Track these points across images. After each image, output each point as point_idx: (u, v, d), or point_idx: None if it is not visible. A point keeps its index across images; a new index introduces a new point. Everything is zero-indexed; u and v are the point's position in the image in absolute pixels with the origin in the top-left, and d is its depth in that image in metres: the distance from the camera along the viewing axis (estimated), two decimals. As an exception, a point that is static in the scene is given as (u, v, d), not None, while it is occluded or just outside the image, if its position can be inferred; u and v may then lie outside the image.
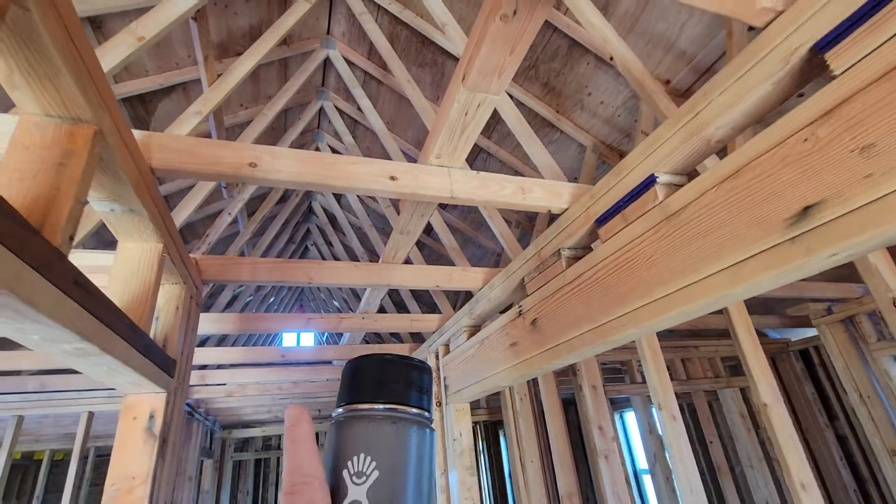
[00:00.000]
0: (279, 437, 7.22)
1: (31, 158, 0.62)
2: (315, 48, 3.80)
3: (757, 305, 3.73)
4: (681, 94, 2.87)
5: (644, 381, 4.57)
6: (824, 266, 0.67)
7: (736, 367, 4.06)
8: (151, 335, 1.06)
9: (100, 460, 6.40)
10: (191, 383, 3.54)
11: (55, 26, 0.54)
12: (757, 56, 0.74)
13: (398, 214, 2.43)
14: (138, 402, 1.08)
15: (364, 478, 0.26)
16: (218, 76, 2.50)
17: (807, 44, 0.68)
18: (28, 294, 0.55)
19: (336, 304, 8.16)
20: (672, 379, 3.82)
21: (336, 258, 6.00)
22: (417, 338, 4.76)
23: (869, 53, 0.61)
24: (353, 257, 5.39)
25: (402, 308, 5.42)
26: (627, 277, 1.01)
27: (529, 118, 3.42)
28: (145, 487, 0.97)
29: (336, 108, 4.34)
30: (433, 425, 0.29)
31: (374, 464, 0.26)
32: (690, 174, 1.03)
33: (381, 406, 0.28)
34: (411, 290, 4.88)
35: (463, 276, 1.77)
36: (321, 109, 4.40)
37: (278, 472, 7.54)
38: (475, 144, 3.31)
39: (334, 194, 5.34)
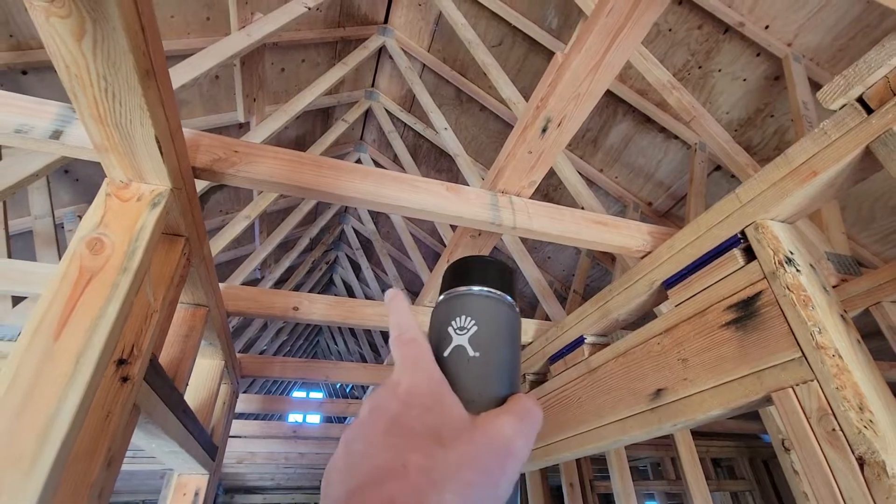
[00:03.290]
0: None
1: (172, 332, 1.02)
2: (349, 151, 4.43)
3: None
4: (662, 215, 3.29)
5: (644, 479, 4.60)
6: (672, 431, 0.99)
7: (730, 469, 4.10)
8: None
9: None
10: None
11: (205, 272, 0.96)
12: (635, 278, 1.12)
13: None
14: (188, 481, 1.41)
15: (465, 330, 0.31)
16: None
17: (659, 280, 1.05)
18: (161, 421, 0.92)
19: (353, 358, 8.39)
20: (661, 478, 3.89)
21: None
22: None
23: (688, 298, 0.98)
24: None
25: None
26: (565, 411, 1.34)
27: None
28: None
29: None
30: (516, 307, 0.35)
31: (472, 321, 0.31)
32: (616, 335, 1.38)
33: (478, 287, 0.33)
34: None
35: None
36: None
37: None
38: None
39: (362, 238, 5.79)
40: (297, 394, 11.26)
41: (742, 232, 0.87)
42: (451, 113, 3.68)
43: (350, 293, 6.02)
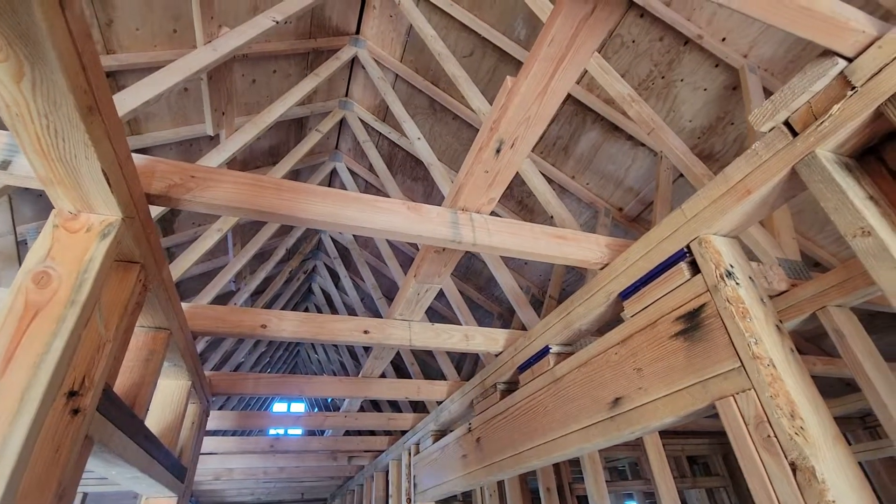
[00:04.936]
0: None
1: (130, 356, 1.01)
2: (324, 160, 4.42)
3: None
4: (632, 220, 3.36)
5: (623, 479, 4.67)
6: (630, 438, 1.03)
7: (705, 466, 4.21)
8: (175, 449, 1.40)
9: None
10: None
11: (164, 296, 0.96)
12: (594, 290, 1.16)
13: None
14: (156, 504, 1.39)
15: None
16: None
17: (616, 291, 1.09)
18: (119, 449, 0.91)
19: (333, 368, 8.30)
20: (639, 477, 3.97)
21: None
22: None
23: (641, 310, 1.01)
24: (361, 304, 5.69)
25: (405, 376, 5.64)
26: (533, 420, 1.36)
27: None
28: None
29: (339, 207, 4.89)
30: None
31: None
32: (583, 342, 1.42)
33: None
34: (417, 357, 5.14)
35: (429, 388, 2.11)
36: (326, 208, 4.96)
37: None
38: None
39: (342, 250, 5.76)
40: (279, 406, 11.08)
41: (688, 246, 0.91)
42: (426, 122, 3.71)
43: (329, 302, 5.98)
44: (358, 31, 3.44)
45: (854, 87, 0.66)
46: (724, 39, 2.40)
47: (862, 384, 1.12)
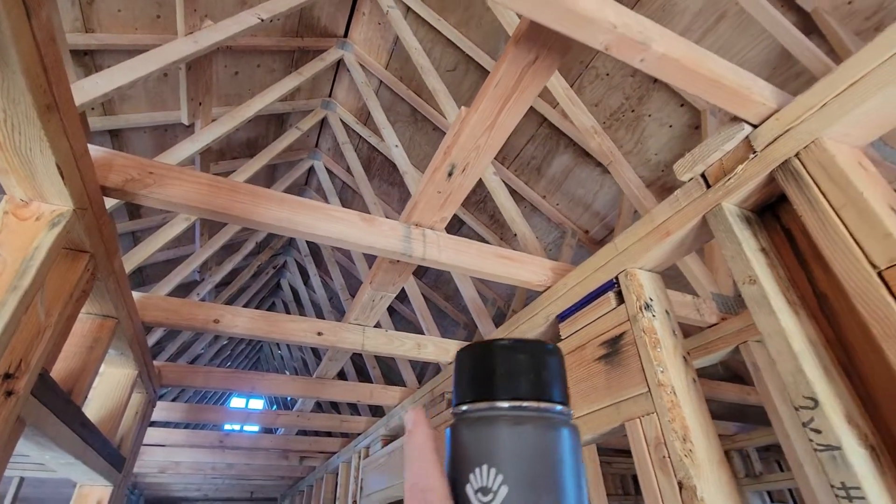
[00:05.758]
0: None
1: (73, 342, 1.02)
2: (303, 157, 4.41)
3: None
4: (596, 243, 3.48)
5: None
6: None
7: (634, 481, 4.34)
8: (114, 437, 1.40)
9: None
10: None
11: (114, 285, 0.98)
12: (536, 310, 1.23)
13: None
14: (90, 492, 1.38)
15: (491, 495, 0.20)
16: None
17: (554, 314, 1.16)
18: (53, 434, 0.92)
19: (295, 365, 8.20)
20: (585, 492, 4.06)
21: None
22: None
23: (574, 333, 1.09)
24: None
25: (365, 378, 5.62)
26: (474, 429, 1.42)
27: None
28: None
29: (314, 205, 4.88)
30: (572, 421, 0.23)
31: (500, 477, 0.20)
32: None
33: (500, 404, 0.22)
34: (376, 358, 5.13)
35: (382, 393, 2.14)
36: (301, 205, 4.95)
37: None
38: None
39: (312, 253, 5.72)
40: (238, 401, 10.83)
41: (616, 277, 0.99)
42: (406, 130, 3.77)
43: (296, 298, 5.94)
44: (346, 35, 3.49)
45: (755, 152, 0.74)
46: (689, 81, 2.53)
47: (771, 416, 1.22)
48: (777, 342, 0.65)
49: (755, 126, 0.76)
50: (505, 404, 0.22)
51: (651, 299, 0.92)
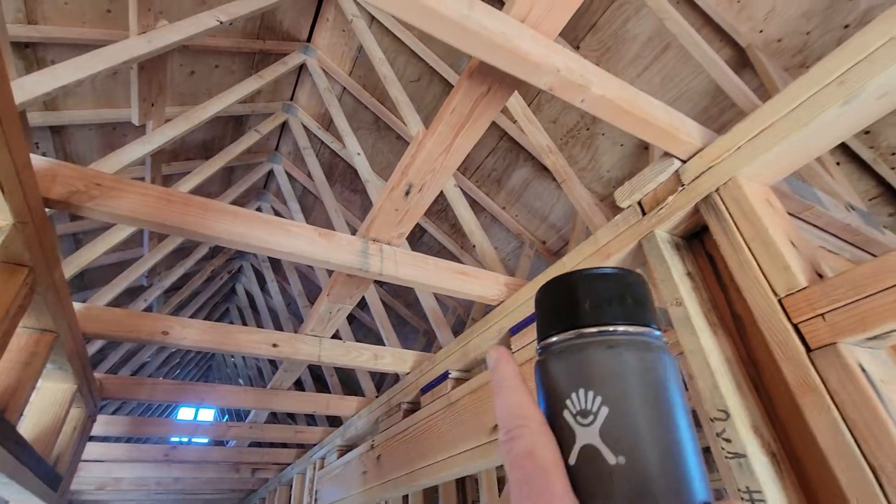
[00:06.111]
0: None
1: (9, 358, 0.97)
2: (262, 161, 4.32)
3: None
4: (553, 254, 3.60)
5: None
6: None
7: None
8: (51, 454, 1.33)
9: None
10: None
11: (53, 298, 0.94)
12: (489, 324, 1.28)
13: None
14: (20, 515, 1.30)
15: (591, 417, 0.20)
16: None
17: (507, 327, 1.22)
18: (-18, 455, 0.87)
19: (249, 373, 7.91)
20: None
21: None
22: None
23: (523, 346, 1.14)
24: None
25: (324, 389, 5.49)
26: (429, 440, 1.45)
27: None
28: None
29: (273, 208, 4.77)
30: (667, 347, 0.23)
31: (598, 399, 0.20)
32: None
33: (590, 330, 0.22)
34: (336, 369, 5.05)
35: (339, 404, 2.13)
36: (259, 209, 4.82)
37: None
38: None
39: (270, 261, 5.56)
40: (187, 411, 10.32)
41: (563, 295, 1.05)
42: (369, 138, 3.77)
43: (252, 304, 5.76)
44: (309, 40, 3.46)
45: (683, 185, 0.82)
46: (639, 104, 2.68)
47: (702, 422, 1.32)
48: (697, 360, 0.72)
49: (684, 161, 0.84)
50: (596, 329, 0.22)
51: (593, 316, 0.98)
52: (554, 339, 0.23)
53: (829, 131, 0.67)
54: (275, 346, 1.51)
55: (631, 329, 0.22)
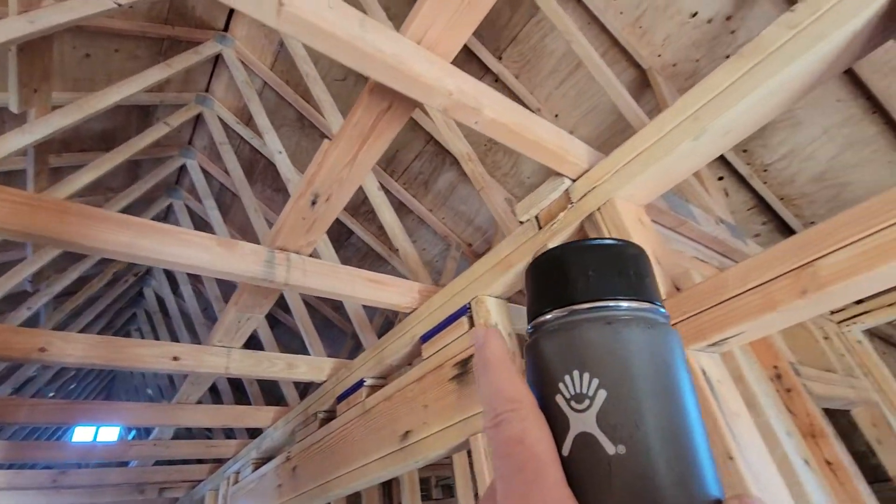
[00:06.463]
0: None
1: None
2: (173, 155, 4.00)
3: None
4: (479, 255, 3.68)
5: (449, 497, 4.95)
6: (415, 467, 1.16)
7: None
8: None
9: None
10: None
11: None
12: (403, 331, 1.30)
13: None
14: None
15: (587, 401, 0.18)
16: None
17: (419, 335, 1.24)
18: None
19: (159, 383, 7.28)
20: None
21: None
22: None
23: (434, 353, 1.17)
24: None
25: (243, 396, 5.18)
26: (344, 449, 1.43)
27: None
28: None
29: (186, 206, 4.44)
30: (669, 322, 0.21)
31: (595, 381, 0.18)
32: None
33: (584, 306, 0.20)
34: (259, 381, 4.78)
35: (254, 415, 2.04)
36: (170, 206, 4.46)
37: None
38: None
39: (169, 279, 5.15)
40: (85, 430, 9.25)
41: (469, 303, 1.09)
42: (293, 135, 3.63)
43: (162, 307, 5.33)
44: (226, 29, 3.26)
45: (572, 203, 0.89)
46: (556, 116, 2.84)
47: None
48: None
49: (574, 181, 0.91)
50: (593, 304, 0.20)
51: (496, 324, 1.03)
52: (546, 316, 0.21)
53: (686, 161, 0.76)
54: (176, 359, 1.41)
55: (633, 304, 0.20)
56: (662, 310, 0.21)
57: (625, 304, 0.20)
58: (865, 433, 1.50)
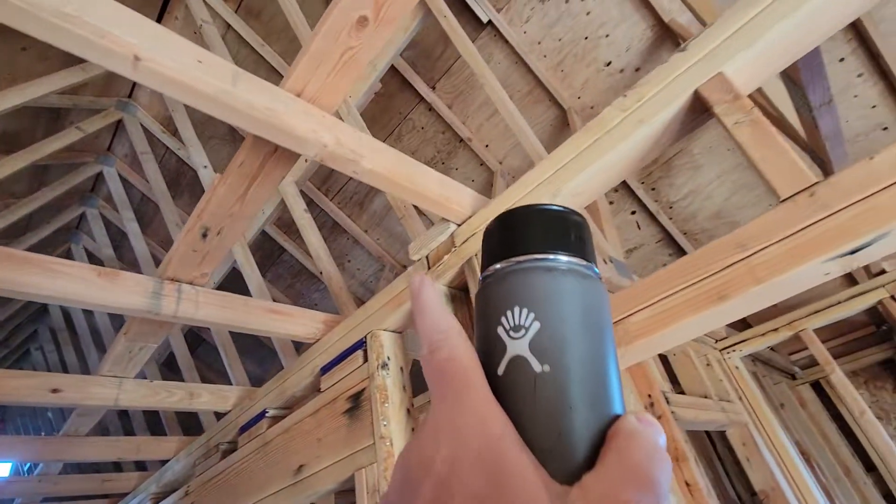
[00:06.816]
0: None
1: None
2: (88, 161, 3.74)
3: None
4: (413, 277, 3.72)
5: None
6: (308, 501, 1.15)
7: None
8: None
9: None
10: None
11: None
12: (305, 363, 1.29)
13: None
14: None
15: (523, 331, 0.22)
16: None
17: (319, 366, 1.24)
18: None
19: (50, 413, 6.58)
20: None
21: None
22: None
23: (330, 386, 1.17)
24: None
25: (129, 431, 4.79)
26: (243, 483, 1.39)
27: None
28: None
29: (101, 215, 4.15)
30: (600, 279, 0.24)
31: (531, 315, 0.22)
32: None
33: (529, 257, 0.23)
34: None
35: (154, 447, 1.92)
36: (83, 215, 4.15)
37: None
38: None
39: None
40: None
41: (366, 337, 1.11)
42: (223, 148, 3.53)
43: (69, 323, 4.88)
44: (153, 36, 3.12)
45: (456, 246, 0.94)
46: (487, 146, 2.96)
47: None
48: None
49: (459, 225, 0.97)
50: (539, 255, 0.23)
51: (389, 358, 1.06)
52: (496, 266, 0.24)
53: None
54: (56, 391, 1.31)
55: (572, 259, 0.23)
56: (597, 270, 0.24)
57: (564, 258, 0.23)
58: (737, 452, 1.66)
